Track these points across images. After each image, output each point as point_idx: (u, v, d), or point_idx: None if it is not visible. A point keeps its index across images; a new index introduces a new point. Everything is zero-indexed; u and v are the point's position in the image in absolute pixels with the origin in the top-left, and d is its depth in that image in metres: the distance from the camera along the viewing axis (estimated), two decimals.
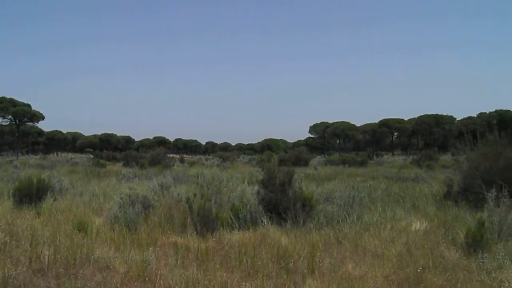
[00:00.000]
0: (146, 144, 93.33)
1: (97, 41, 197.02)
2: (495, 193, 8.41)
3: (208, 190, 11.25)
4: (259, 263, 6.05)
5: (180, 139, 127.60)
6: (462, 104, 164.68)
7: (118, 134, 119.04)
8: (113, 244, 7.21)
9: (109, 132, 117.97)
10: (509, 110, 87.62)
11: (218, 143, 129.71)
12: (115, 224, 8.66)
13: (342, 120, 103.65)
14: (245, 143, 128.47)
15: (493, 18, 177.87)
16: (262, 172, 9.96)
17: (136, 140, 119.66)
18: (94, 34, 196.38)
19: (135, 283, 5.33)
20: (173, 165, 37.39)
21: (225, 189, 11.07)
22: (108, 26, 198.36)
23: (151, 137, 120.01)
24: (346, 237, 7.77)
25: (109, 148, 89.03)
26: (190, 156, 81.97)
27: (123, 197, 9.62)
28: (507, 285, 5.19)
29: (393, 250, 6.80)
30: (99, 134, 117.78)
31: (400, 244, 7.24)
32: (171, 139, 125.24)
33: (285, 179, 9.29)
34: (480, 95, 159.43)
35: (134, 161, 37.29)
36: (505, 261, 5.97)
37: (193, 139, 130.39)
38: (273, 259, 6.28)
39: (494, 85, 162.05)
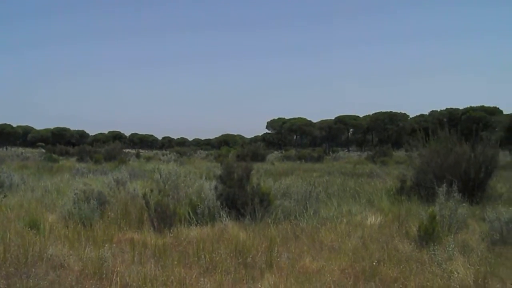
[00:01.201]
0: (101, 139, 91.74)
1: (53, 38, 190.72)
2: (446, 188, 8.71)
3: (165, 185, 11.13)
4: (217, 258, 6.05)
5: (136, 133, 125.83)
6: (415, 101, 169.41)
7: (72, 128, 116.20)
8: (67, 241, 7.01)
9: (62, 126, 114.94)
10: (458, 109, 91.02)
11: (175, 138, 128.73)
12: (69, 221, 8.43)
13: (299, 116, 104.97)
14: (202, 138, 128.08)
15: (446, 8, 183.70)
16: (220, 167, 9.93)
17: (90, 134, 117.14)
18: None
19: (91, 281, 5.21)
20: (129, 160, 36.75)
21: (182, 184, 10.98)
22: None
23: (106, 132, 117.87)
24: (303, 232, 7.87)
25: (62, 143, 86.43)
26: (146, 151, 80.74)
27: (77, 193, 9.38)
28: (456, 275, 5.39)
29: (349, 244, 6.94)
30: (52, 128, 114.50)
31: (356, 238, 7.40)
32: (127, 133, 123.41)
33: (243, 174, 9.31)
34: (432, 93, 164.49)
35: (89, 156, 36.47)
36: (455, 252, 6.21)
37: (149, 134, 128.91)
38: (231, 254, 6.29)
39: (446, 83, 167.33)
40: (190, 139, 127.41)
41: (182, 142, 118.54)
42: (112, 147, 40.95)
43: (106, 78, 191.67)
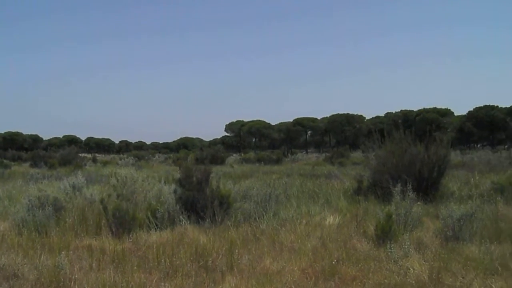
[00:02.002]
0: (56, 143, 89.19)
1: None
2: (401, 187, 8.95)
3: (123, 190, 10.95)
4: (177, 262, 6.01)
5: (92, 137, 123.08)
6: (371, 103, 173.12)
7: (24, 133, 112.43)
8: (21, 250, 6.80)
9: (14, 130, 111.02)
10: (412, 110, 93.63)
11: (133, 142, 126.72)
12: (22, 229, 8.17)
13: (258, 118, 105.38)
14: (161, 142, 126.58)
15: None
16: (179, 171, 9.87)
17: (44, 139, 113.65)
18: None
19: None
20: (85, 165, 36.02)
21: (140, 188, 10.83)
22: None
23: (61, 136, 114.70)
24: (263, 233, 7.92)
25: (14, 148, 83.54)
26: (103, 156, 79.22)
27: (31, 199, 9.10)
28: (412, 271, 5.56)
29: (309, 244, 7.03)
30: (3, 132, 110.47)
31: (315, 238, 7.50)
32: (83, 138, 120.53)
33: (202, 177, 9.28)
34: (389, 95, 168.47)
35: (43, 161, 35.43)
36: (410, 250, 6.40)
37: (106, 137, 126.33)
38: (192, 258, 6.26)
39: (402, 85, 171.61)
40: (148, 143, 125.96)
41: (140, 145, 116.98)
42: (67, 152, 40.02)
43: (61, 80, 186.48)
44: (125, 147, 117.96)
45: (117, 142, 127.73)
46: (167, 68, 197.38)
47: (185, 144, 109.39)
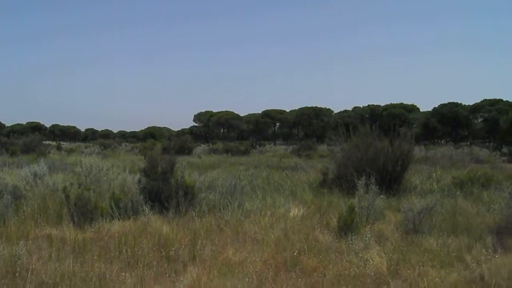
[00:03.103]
0: (19, 130, 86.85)
1: None
2: (364, 180, 9.09)
3: (86, 179, 10.77)
4: (139, 252, 5.96)
5: (57, 125, 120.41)
6: (340, 97, 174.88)
7: None
8: None
9: None
10: (379, 105, 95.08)
11: (99, 130, 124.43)
12: None
13: (226, 109, 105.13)
14: (128, 131, 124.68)
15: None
16: (144, 160, 9.76)
17: (6, 125, 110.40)
18: None
19: (3, 280, 4.96)
20: (49, 152, 35.19)
21: (105, 178, 10.67)
22: None
23: (24, 123, 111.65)
24: (227, 224, 7.93)
25: None
26: (68, 144, 77.56)
27: None
28: (371, 262, 5.67)
29: (272, 236, 7.08)
30: None
31: (278, 229, 7.54)
32: (47, 125, 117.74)
33: (167, 167, 9.20)
34: (357, 89, 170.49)
35: (4, 148, 34.43)
36: (371, 242, 6.52)
37: (72, 125, 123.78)
38: (154, 248, 6.23)
39: (368, 81, 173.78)
40: (115, 131, 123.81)
41: (107, 134, 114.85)
42: (30, 139, 38.90)
43: (25, 66, 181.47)
44: (91, 135, 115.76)
45: (83, 130, 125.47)
46: (136, 59, 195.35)
47: (152, 134, 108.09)
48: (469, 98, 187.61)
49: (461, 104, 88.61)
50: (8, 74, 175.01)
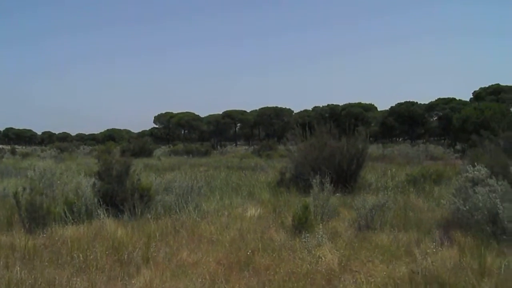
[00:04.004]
0: None
1: None
2: (319, 179, 9.24)
3: (39, 183, 10.49)
4: (91, 257, 5.88)
5: (11, 128, 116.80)
6: (301, 98, 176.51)
7: None
8: None
9: None
10: (338, 105, 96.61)
11: (56, 133, 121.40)
12: None
13: (187, 110, 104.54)
14: (87, 133, 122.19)
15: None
16: (98, 163, 9.62)
17: None
18: None
19: None
20: (2, 157, 34.11)
21: (58, 182, 10.44)
22: None
23: None
24: (183, 226, 7.90)
25: None
26: (24, 147, 75.27)
27: None
28: (323, 260, 5.79)
29: (227, 236, 7.12)
30: None
31: (234, 230, 7.58)
32: (1, 128, 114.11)
33: (122, 169, 9.09)
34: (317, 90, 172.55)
35: None
36: (323, 239, 6.64)
37: (28, 128, 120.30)
38: (107, 252, 6.14)
39: (330, 80, 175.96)
40: (73, 134, 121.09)
41: (64, 137, 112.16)
42: None
43: None
44: (48, 139, 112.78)
45: (39, 133, 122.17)
46: (96, 61, 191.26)
47: (112, 136, 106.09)
48: (424, 97, 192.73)
49: (417, 103, 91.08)
50: None
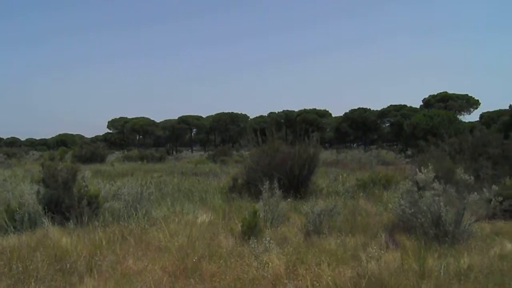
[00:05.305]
0: None
1: None
2: (269, 185, 9.30)
3: None
4: (32, 267, 5.69)
5: None
6: (256, 103, 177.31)
7: None
8: None
9: None
10: (293, 111, 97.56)
11: (4, 138, 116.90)
12: None
13: (142, 116, 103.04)
14: (37, 138, 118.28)
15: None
16: (42, 170, 9.33)
17: None
18: None
19: None
20: None
21: (0, 189, 10.08)
22: None
23: None
24: (131, 233, 7.77)
25: None
26: None
27: None
28: (270, 265, 5.82)
29: (176, 243, 7.04)
30: None
31: (183, 236, 7.52)
32: None
33: (68, 176, 8.86)
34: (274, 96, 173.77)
35: None
36: (271, 244, 6.67)
37: None
38: (49, 262, 5.96)
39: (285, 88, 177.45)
40: (22, 139, 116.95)
41: (13, 142, 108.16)
42: None
43: None
44: None
45: None
46: (48, 64, 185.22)
47: (64, 141, 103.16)
48: (376, 104, 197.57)
49: (369, 109, 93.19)
50: None
